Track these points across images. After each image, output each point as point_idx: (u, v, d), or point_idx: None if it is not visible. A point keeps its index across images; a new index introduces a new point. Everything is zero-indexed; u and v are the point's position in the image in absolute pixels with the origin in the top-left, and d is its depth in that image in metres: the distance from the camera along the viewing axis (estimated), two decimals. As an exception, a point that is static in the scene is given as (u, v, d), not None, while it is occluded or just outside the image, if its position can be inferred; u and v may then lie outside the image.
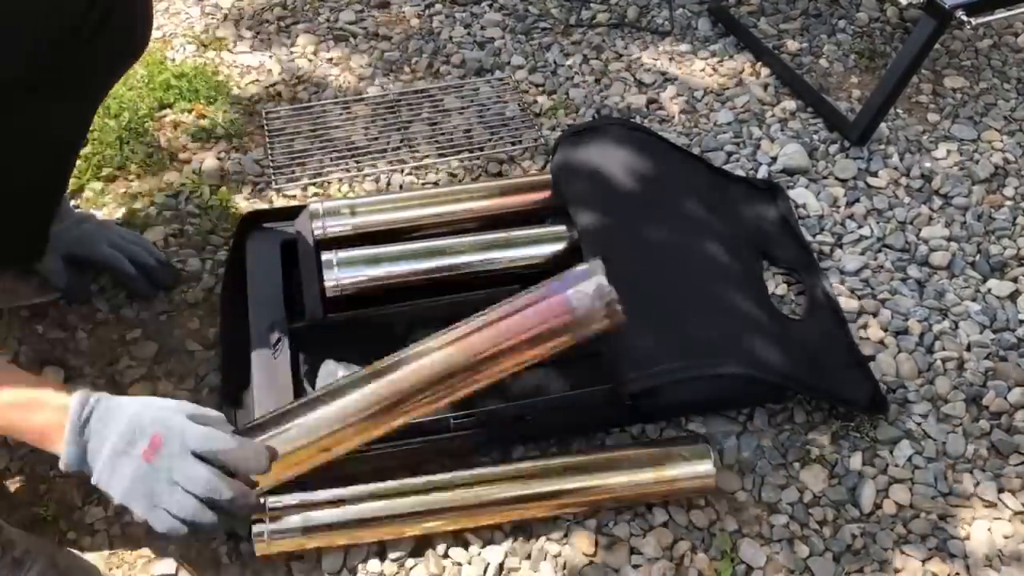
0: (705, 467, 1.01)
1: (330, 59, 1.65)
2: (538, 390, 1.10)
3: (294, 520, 0.95)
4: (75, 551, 0.97)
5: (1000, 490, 1.07)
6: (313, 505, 0.96)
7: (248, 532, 0.96)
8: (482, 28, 1.71)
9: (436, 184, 1.41)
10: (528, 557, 1.00)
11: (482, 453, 1.07)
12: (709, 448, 1.03)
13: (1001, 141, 1.51)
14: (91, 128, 1.44)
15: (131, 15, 0.97)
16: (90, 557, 0.98)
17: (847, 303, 1.25)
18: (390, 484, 0.98)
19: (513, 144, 1.48)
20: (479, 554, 1.00)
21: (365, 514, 0.97)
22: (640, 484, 1.01)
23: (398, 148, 1.48)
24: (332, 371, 1.08)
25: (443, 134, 1.50)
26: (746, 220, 1.33)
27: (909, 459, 1.10)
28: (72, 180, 1.37)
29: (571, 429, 1.10)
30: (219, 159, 1.44)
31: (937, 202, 1.41)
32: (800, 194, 1.40)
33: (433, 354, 0.91)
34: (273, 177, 1.41)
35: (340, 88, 1.59)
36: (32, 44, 0.88)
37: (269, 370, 1.08)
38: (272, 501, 0.95)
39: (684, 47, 1.68)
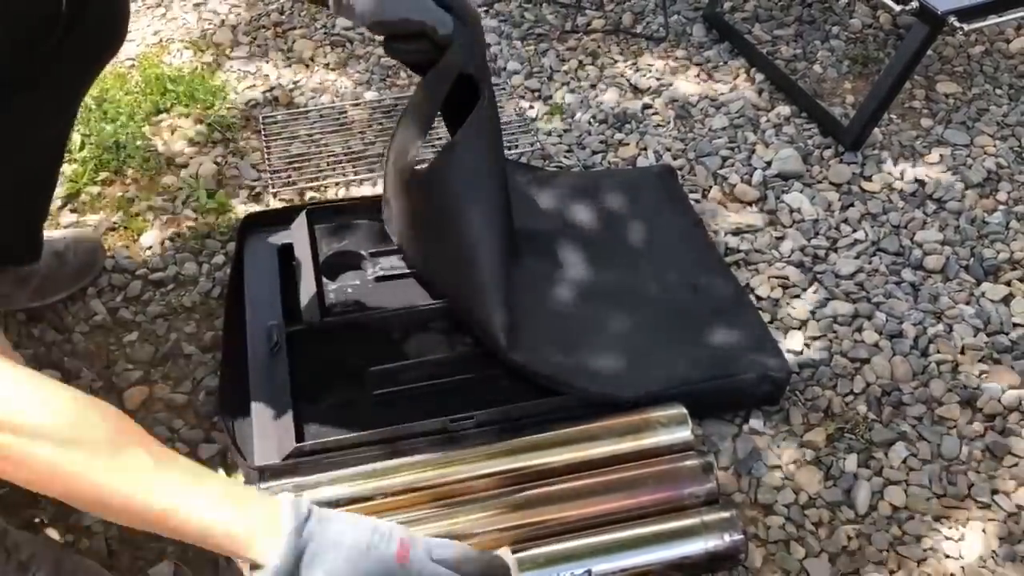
0: (683, 433, 1.03)
1: (327, 64, 1.65)
2: (536, 392, 1.10)
3: None
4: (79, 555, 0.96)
5: (994, 491, 1.08)
6: None
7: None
8: (478, 34, 1.72)
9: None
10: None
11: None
12: (686, 414, 1.04)
13: (994, 146, 1.52)
14: (87, 132, 1.45)
15: (106, 8, 0.98)
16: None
17: (842, 307, 1.26)
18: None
19: (509, 149, 1.49)
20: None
21: None
22: (621, 453, 1.02)
23: (395, 153, 1.48)
24: None
25: (439, 139, 1.50)
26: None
27: (904, 461, 1.10)
28: (69, 184, 1.38)
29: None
30: (216, 163, 1.44)
31: (931, 206, 1.42)
32: (795, 199, 1.41)
33: None
34: (270, 181, 1.41)
35: (336, 93, 1.60)
36: (7, 42, 0.89)
37: (266, 373, 1.08)
38: None
39: (679, 53, 1.69)
